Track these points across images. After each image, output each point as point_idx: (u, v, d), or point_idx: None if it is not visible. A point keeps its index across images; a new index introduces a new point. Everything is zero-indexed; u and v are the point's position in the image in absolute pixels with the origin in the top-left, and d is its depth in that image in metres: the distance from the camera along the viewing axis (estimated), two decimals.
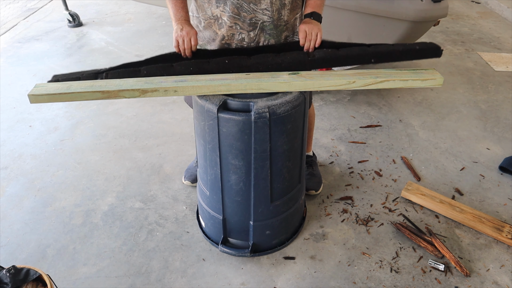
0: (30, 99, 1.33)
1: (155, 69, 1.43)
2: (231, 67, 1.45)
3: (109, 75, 1.41)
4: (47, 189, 2.10)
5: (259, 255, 1.72)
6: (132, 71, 1.42)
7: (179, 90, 1.36)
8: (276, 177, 1.54)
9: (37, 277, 1.25)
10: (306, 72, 1.46)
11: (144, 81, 1.38)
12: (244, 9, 1.49)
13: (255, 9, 1.49)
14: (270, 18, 1.52)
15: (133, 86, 1.35)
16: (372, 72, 1.46)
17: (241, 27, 1.53)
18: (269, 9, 1.49)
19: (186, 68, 1.43)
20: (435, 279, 1.64)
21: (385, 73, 1.46)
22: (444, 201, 1.95)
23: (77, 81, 1.41)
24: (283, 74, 1.44)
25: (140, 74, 1.41)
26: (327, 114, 2.73)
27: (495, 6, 4.90)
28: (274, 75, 1.43)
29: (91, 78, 1.41)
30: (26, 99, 2.93)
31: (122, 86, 1.35)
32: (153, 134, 2.54)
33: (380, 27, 2.57)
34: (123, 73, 1.42)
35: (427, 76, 1.44)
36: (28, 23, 4.40)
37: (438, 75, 1.45)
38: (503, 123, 2.66)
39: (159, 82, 1.38)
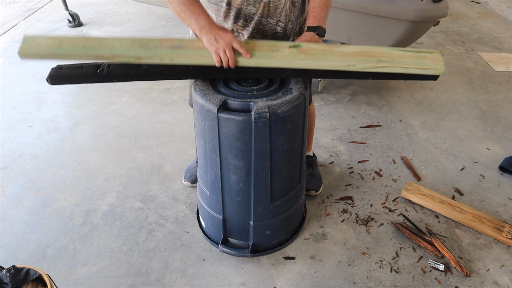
0: (20, 56, 1.30)
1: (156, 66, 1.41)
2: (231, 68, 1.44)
3: (110, 66, 1.39)
4: (47, 189, 2.10)
5: (259, 255, 1.72)
6: (133, 64, 1.40)
7: (175, 58, 1.31)
8: (276, 177, 1.54)
9: (37, 277, 1.25)
10: (308, 46, 1.40)
11: (139, 45, 1.33)
12: (262, 23, 1.51)
13: (270, 22, 1.52)
14: (283, 28, 1.55)
15: (128, 52, 1.31)
16: (375, 54, 1.39)
17: (256, 38, 1.55)
18: (283, 21, 1.53)
19: (186, 66, 1.42)
20: (435, 279, 1.64)
21: (388, 56, 1.39)
22: (444, 201, 1.95)
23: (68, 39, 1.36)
24: (284, 48, 1.38)
25: (141, 68, 1.39)
26: (327, 114, 2.73)
27: (495, 6, 4.90)
28: (274, 48, 1.38)
29: (93, 69, 1.39)
30: (26, 99, 2.93)
31: (115, 51, 1.31)
32: (153, 134, 2.54)
33: (380, 27, 2.57)
34: (124, 66, 1.39)
35: (429, 64, 1.38)
36: (28, 23, 4.40)
37: (441, 64, 1.38)
38: (503, 123, 2.66)
39: (154, 47, 1.32)
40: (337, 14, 2.57)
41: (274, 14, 1.49)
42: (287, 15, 1.52)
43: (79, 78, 1.41)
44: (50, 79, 1.39)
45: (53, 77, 1.39)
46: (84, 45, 1.33)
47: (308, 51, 1.39)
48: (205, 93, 1.42)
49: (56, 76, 1.39)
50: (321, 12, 1.49)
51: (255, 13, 1.48)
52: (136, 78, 1.43)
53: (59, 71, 1.40)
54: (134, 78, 1.43)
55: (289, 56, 1.37)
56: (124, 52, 1.31)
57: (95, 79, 1.41)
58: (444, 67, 1.39)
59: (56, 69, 1.40)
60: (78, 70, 1.39)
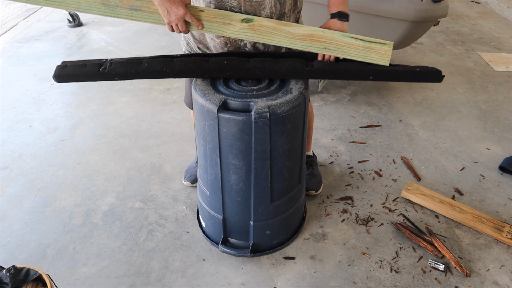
0: None
1: (156, 62, 1.44)
2: (229, 68, 1.45)
3: (112, 64, 1.44)
4: (47, 189, 2.10)
5: (259, 255, 1.72)
6: (134, 62, 1.44)
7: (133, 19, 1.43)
8: (276, 177, 1.54)
9: (37, 277, 1.25)
10: (260, 23, 1.44)
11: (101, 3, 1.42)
12: None
13: None
14: None
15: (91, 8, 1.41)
16: (323, 39, 1.43)
17: None
18: (270, 17, 1.49)
19: (185, 64, 1.44)
20: (435, 279, 1.64)
21: (336, 44, 1.43)
22: (444, 201, 1.95)
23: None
24: (235, 22, 1.43)
25: (142, 66, 1.43)
26: (327, 114, 2.73)
27: (495, 6, 4.90)
28: (226, 21, 1.44)
29: (96, 67, 1.44)
30: (26, 99, 2.93)
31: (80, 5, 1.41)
32: (153, 134, 2.54)
33: (380, 27, 2.57)
34: (126, 64, 1.44)
35: (374, 58, 1.43)
36: (28, 23, 4.40)
37: (387, 59, 1.42)
38: (503, 123, 2.66)
39: (114, 5, 1.42)
40: None
41: (258, 10, 1.46)
42: (273, 12, 1.47)
43: (83, 76, 1.46)
44: (56, 77, 1.47)
45: (59, 76, 1.47)
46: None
47: (258, 28, 1.43)
48: (205, 93, 1.42)
49: (61, 75, 1.47)
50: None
51: (236, 7, 1.46)
52: (136, 76, 1.45)
53: (64, 69, 1.46)
54: (134, 76, 1.45)
55: (238, 32, 1.43)
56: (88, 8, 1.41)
57: (98, 77, 1.46)
58: (388, 62, 1.42)
59: (61, 68, 1.47)
60: (82, 69, 1.45)
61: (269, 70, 1.45)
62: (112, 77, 1.45)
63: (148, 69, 1.43)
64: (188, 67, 1.44)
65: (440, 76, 1.47)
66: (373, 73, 1.45)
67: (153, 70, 1.43)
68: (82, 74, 1.45)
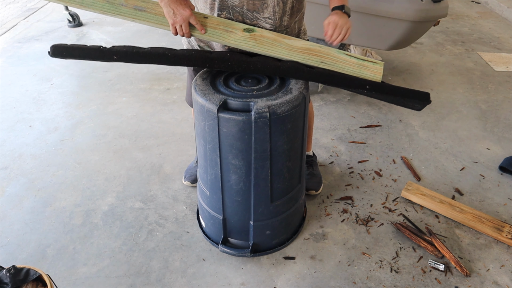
0: None
1: (159, 48, 1.43)
2: (232, 60, 1.45)
3: (114, 47, 1.41)
4: (47, 189, 2.10)
5: (259, 255, 1.72)
6: (137, 48, 1.42)
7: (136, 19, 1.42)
8: (276, 177, 1.54)
9: (37, 277, 1.25)
10: (261, 33, 1.47)
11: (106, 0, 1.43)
12: (248, 17, 1.49)
13: (258, 17, 1.49)
14: (273, 26, 1.52)
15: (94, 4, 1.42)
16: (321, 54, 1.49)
17: None
18: (272, 18, 1.49)
19: (188, 51, 1.44)
20: (435, 279, 1.64)
21: (332, 59, 1.48)
22: (444, 201, 1.95)
23: None
24: (237, 30, 1.46)
25: (145, 51, 1.41)
26: (327, 114, 2.73)
27: (495, 6, 4.90)
28: (229, 29, 1.45)
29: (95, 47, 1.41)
30: (26, 99, 2.93)
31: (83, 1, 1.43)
32: (153, 134, 2.54)
33: (380, 27, 2.57)
34: (128, 47, 1.41)
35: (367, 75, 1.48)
36: (28, 23, 4.40)
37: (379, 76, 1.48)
38: (503, 123, 2.66)
39: (119, 4, 1.42)
40: None
41: (261, 9, 1.46)
42: (276, 12, 1.47)
43: (81, 52, 1.42)
44: (52, 49, 1.41)
45: (55, 47, 1.41)
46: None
47: (259, 38, 1.46)
48: (205, 93, 1.42)
49: (58, 47, 1.42)
50: None
51: (239, 6, 1.45)
52: (137, 58, 1.42)
53: (63, 45, 1.42)
54: (135, 58, 1.42)
55: (240, 40, 1.44)
56: (91, 4, 1.42)
57: (97, 55, 1.42)
58: (380, 79, 1.48)
59: (60, 44, 1.43)
60: (82, 47, 1.42)
61: (271, 66, 1.46)
62: (111, 54, 1.41)
63: (150, 52, 1.41)
64: (191, 54, 1.44)
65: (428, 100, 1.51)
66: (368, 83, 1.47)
67: (155, 53, 1.42)
68: (80, 49, 1.42)
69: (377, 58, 3.48)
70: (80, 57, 1.43)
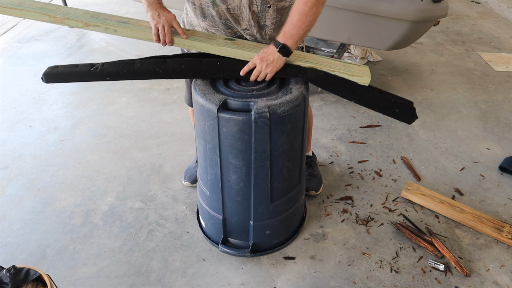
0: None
1: (149, 63, 1.44)
2: (222, 69, 1.46)
3: (104, 65, 1.42)
4: (47, 189, 2.10)
5: (259, 255, 1.72)
6: (127, 63, 1.44)
7: (118, 30, 1.43)
8: (276, 177, 1.54)
9: (37, 277, 1.25)
10: (242, 42, 1.49)
11: (90, 15, 1.45)
12: (228, 26, 1.53)
13: (235, 28, 1.53)
14: (252, 37, 1.54)
15: (79, 17, 1.43)
16: (303, 56, 1.49)
17: None
18: (249, 29, 1.52)
19: (178, 65, 1.45)
20: (435, 279, 1.64)
21: (316, 59, 1.48)
22: (444, 201, 1.95)
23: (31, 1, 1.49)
24: (219, 38, 1.49)
25: (134, 66, 1.43)
26: (327, 114, 2.73)
27: (495, 6, 4.90)
28: (210, 37, 1.48)
29: (86, 68, 1.43)
30: (26, 99, 2.93)
31: (69, 15, 1.43)
32: (153, 134, 2.54)
33: (380, 27, 2.57)
34: (118, 64, 1.43)
35: (355, 72, 1.44)
36: (28, 23, 4.40)
37: (368, 74, 1.45)
38: (503, 123, 2.66)
39: (103, 19, 1.45)
40: (337, 14, 2.57)
41: (237, 21, 1.49)
42: (252, 25, 1.49)
43: (73, 76, 1.44)
44: (45, 76, 1.43)
45: (48, 75, 1.43)
46: (42, 7, 1.45)
47: (241, 44, 1.48)
48: (205, 93, 1.42)
49: (50, 74, 1.43)
50: (292, 29, 1.34)
51: (217, 16, 1.49)
52: (128, 77, 1.45)
53: (54, 69, 1.43)
54: (126, 77, 1.45)
55: (222, 44, 1.45)
56: (75, 17, 1.43)
57: (89, 77, 1.44)
58: (369, 78, 1.43)
59: (52, 68, 1.44)
60: (73, 69, 1.43)
61: None
62: (103, 77, 1.44)
63: (141, 69, 1.43)
64: (181, 68, 1.44)
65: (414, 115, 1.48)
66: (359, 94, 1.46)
67: (146, 70, 1.43)
68: (72, 73, 1.43)
69: (377, 58, 3.48)
70: (74, 80, 1.46)
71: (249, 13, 1.45)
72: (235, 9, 1.45)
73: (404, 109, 1.47)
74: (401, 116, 1.49)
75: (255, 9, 1.45)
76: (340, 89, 1.46)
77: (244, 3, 1.42)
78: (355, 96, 1.46)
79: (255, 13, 1.46)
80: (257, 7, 1.44)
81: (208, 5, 1.47)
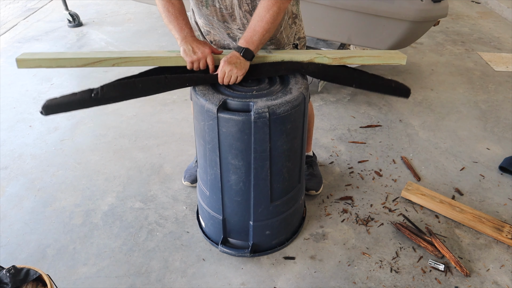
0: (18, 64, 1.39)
1: (150, 82, 1.41)
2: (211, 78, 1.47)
3: (104, 88, 1.36)
4: (47, 189, 2.11)
5: (259, 255, 1.72)
6: (127, 83, 1.39)
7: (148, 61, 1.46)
8: (276, 177, 1.54)
9: (37, 277, 1.25)
10: None
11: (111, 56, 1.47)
12: (221, 26, 1.54)
13: (230, 27, 1.54)
14: None
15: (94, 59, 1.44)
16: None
17: (222, 38, 1.61)
18: (242, 29, 1.53)
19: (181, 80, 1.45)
20: (435, 279, 1.64)
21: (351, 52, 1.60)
22: (444, 201, 1.95)
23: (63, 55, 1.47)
24: None
25: (135, 86, 1.39)
26: (327, 114, 2.73)
27: (495, 6, 4.90)
28: None
29: (86, 94, 1.36)
30: (26, 99, 2.93)
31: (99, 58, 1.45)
32: (153, 134, 2.54)
33: (380, 27, 2.57)
34: (118, 86, 1.38)
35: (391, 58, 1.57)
36: (28, 23, 4.40)
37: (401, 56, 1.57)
38: (503, 123, 2.66)
39: None
40: (337, 14, 2.57)
41: (230, 20, 1.50)
42: (244, 24, 1.50)
43: (74, 104, 1.36)
44: (44, 109, 1.33)
45: (47, 107, 1.33)
46: None
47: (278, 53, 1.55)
48: (204, 93, 1.42)
49: (50, 106, 1.33)
50: (253, 35, 1.38)
51: (210, 15, 1.50)
52: (132, 96, 1.41)
53: (53, 101, 1.34)
54: (131, 97, 1.41)
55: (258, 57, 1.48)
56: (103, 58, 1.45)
57: (92, 103, 1.37)
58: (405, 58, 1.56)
59: (50, 100, 1.34)
60: (72, 97, 1.34)
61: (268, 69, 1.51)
62: (106, 101, 1.37)
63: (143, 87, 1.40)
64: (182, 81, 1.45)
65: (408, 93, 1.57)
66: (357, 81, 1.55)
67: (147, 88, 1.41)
68: (72, 102, 1.34)
69: None
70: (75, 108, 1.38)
71: (240, 12, 1.47)
72: (227, 8, 1.46)
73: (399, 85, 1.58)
74: (397, 91, 1.58)
75: (246, 8, 1.46)
76: (340, 78, 1.54)
77: (235, 2, 1.44)
78: (355, 82, 1.54)
79: (247, 11, 1.47)
80: (248, 5, 1.46)
81: (202, 4, 1.48)
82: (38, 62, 1.40)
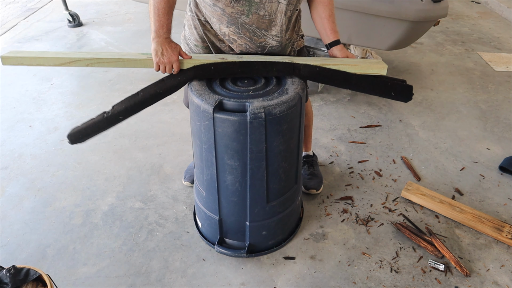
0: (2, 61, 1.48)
1: (149, 89, 1.45)
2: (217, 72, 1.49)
3: (114, 106, 1.46)
4: (47, 189, 2.11)
5: (256, 256, 1.72)
6: (131, 95, 1.46)
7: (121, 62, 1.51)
8: (272, 177, 1.54)
9: (37, 277, 1.25)
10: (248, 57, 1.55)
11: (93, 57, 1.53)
12: (256, 34, 1.52)
13: (266, 35, 1.53)
14: (279, 42, 1.56)
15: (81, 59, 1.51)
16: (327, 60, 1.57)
17: (250, 47, 1.57)
18: (279, 35, 1.53)
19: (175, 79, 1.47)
20: (435, 279, 1.63)
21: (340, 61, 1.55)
22: (444, 201, 1.95)
23: None
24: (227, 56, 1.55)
25: (138, 97, 1.45)
26: (327, 114, 2.73)
27: (495, 6, 4.89)
28: None
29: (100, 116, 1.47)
30: (26, 99, 2.93)
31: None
32: (153, 134, 2.54)
33: (380, 27, 2.57)
34: (124, 99, 1.46)
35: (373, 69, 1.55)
36: (28, 23, 4.41)
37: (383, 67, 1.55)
38: (503, 123, 2.66)
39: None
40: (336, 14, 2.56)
41: (270, 27, 1.50)
42: (282, 30, 1.53)
43: (94, 127, 1.50)
44: (70, 138, 1.49)
45: (72, 136, 1.49)
46: None
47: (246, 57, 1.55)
48: (200, 93, 1.42)
49: (74, 134, 1.49)
50: (334, 25, 1.59)
51: (249, 23, 1.48)
52: (138, 108, 1.47)
53: (75, 129, 1.49)
54: (136, 108, 1.47)
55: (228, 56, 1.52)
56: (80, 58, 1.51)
57: (105, 124, 1.49)
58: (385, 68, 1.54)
59: (73, 129, 1.49)
60: (90, 122, 1.48)
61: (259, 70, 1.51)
62: (116, 117, 1.47)
63: (144, 96, 1.44)
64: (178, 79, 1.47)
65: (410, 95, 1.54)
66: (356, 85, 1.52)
67: (148, 96, 1.45)
68: (91, 126, 1.48)
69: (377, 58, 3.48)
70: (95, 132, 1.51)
71: (284, 18, 1.50)
72: (271, 14, 1.47)
73: (400, 89, 1.53)
74: (398, 97, 1.55)
75: (289, 14, 1.51)
76: (336, 80, 1.52)
77: (281, 8, 1.47)
78: (352, 85, 1.52)
79: (287, 17, 1.52)
80: (291, 11, 1.52)
81: (242, 13, 1.45)
82: (20, 60, 1.49)
